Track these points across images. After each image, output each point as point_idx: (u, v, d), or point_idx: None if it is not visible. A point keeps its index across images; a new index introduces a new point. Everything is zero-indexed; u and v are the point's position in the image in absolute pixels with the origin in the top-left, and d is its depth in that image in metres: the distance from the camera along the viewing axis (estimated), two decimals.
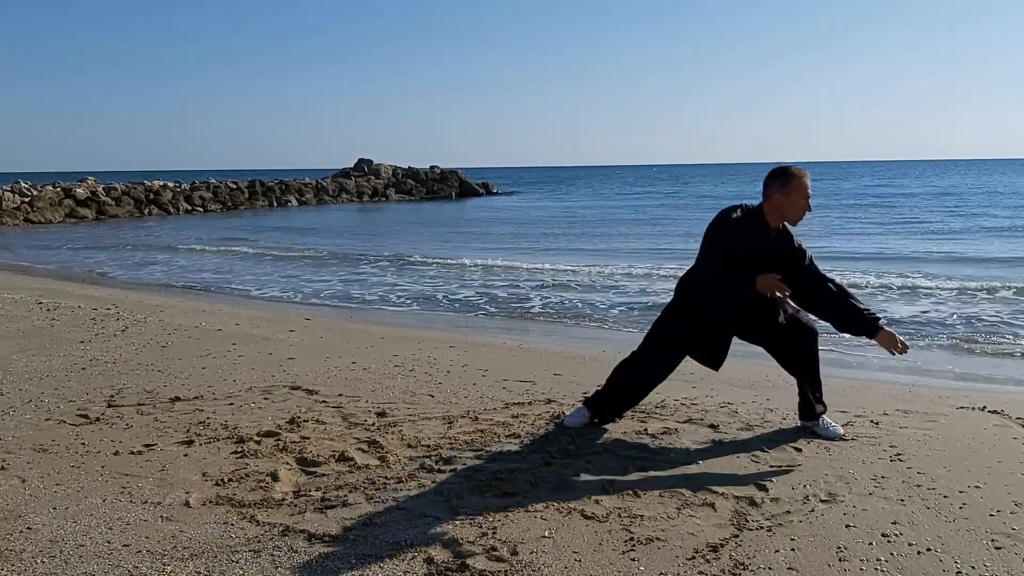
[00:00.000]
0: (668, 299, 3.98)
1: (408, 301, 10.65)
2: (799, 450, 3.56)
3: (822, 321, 3.77)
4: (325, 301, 10.79)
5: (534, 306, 9.93)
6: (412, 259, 15.86)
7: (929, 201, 35.11)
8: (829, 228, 21.99)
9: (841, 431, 3.79)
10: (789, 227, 3.75)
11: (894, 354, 3.63)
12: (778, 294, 3.58)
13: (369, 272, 14.06)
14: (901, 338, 3.62)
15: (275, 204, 39.49)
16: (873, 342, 3.65)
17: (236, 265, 15.57)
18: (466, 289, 11.62)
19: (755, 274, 3.56)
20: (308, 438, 3.74)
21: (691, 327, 3.75)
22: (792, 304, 3.76)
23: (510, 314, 9.45)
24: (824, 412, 3.85)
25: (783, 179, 3.60)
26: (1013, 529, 2.75)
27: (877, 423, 4.00)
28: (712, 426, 3.92)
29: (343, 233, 23.74)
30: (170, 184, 36.01)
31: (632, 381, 3.89)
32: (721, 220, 3.60)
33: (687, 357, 3.85)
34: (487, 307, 10.00)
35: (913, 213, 28.17)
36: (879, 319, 3.65)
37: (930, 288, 10.66)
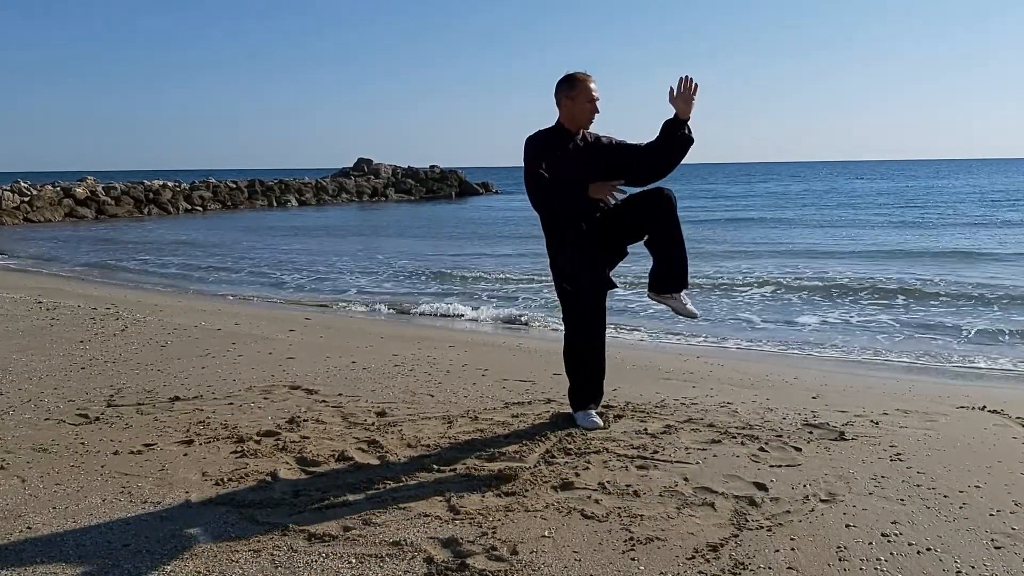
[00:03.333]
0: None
1: (402, 301, 10.65)
2: (799, 450, 3.56)
3: (667, 164, 3.80)
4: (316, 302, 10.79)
5: (533, 306, 9.92)
6: (410, 260, 15.85)
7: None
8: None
9: (694, 310, 3.83)
10: (597, 132, 3.85)
11: (690, 104, 3.66)
12: (609, 198, 3.63)
13: (361, 273, 14.07)
14: (676, 87, 3.66)
15: (275, 204, 39.47)
16: (681, 120, 3.70)
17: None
18: (466, 290, 11.61)
19: (583, 183, 3.62)
20: (308, 438, 3.74)
21: (581, 268, 3.77)
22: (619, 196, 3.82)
23: (510, 314, 9.44)
24: (684, 290, 3.83)
25: (568, 85, 3.74)
26: (1013, 529, 2.75)
27: (877, 423, 4.00)
28: (712, 426, 3.91)
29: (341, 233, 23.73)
30: (170, 184, 35.99)
31: (581, 352, 3.90)
32: (528, 143, 3.75)
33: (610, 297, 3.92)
34: (486, 307, 9.99)
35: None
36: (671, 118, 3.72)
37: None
